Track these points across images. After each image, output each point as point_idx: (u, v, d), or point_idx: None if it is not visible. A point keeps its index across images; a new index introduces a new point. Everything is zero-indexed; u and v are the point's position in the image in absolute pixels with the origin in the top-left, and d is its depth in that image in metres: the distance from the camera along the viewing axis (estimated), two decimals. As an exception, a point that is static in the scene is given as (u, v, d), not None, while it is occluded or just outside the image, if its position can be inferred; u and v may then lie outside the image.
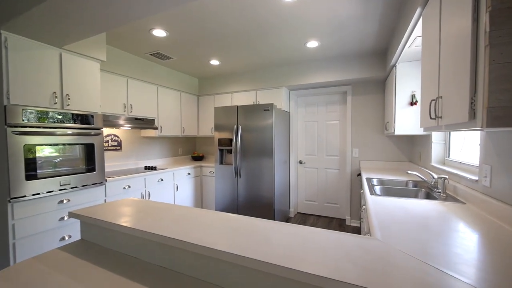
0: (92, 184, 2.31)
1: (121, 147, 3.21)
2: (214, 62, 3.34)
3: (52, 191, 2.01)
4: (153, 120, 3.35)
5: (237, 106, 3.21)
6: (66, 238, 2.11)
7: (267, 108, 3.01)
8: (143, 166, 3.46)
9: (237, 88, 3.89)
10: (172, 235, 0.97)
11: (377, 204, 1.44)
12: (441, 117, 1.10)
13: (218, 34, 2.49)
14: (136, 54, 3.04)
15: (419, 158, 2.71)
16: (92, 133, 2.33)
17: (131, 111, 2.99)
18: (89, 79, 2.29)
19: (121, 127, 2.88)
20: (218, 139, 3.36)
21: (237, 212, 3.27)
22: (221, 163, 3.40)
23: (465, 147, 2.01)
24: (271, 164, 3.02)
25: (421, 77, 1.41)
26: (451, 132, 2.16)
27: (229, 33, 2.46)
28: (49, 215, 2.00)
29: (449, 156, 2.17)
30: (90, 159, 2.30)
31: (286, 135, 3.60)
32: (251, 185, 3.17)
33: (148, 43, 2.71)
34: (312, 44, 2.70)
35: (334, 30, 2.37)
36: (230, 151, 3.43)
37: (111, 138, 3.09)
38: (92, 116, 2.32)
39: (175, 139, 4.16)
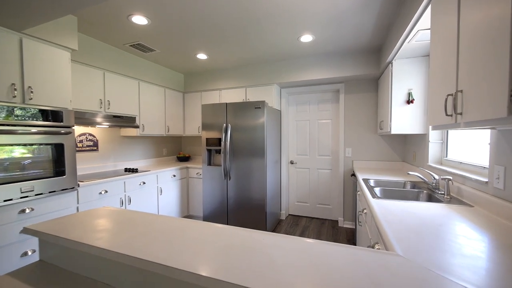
0: (62, 190, 2.03)
1: (97, 148, 2.91)
2: (202, 56, 3.13)
3: (11, 199, 1.72)
4: (134, 118, 3.07)
5: (226, 103, 3.02)
6: (29, 253, 1.83)
7: (259, 106, 2.85)
8: (123, 168, 3.18)
9: (226, 85, 3.69)
10: (152, 257, 0.78)
11: (383, 209, 1.32)
12: (461, 114, 0.99)
13: (207, 24, 2.28)
14: (114, 45, 2.76)
15: (413, 158, 2.66)
16: (62, 131, 2.05)
17: (108, 108, 2.71)
18: (57, 70, 2.01)
19: (97, 125, 2.60)
20: (206, 138, 3.15)
21: (227, 216, 3.08)
22: (209, 164, 3.19)
23: (462, 147, 1.96)
24: (263, 165, 2.86)
25: (431, 72, 1.30)
26: (449, 131, 2.10)
27: (219, 24, 2.27)
28: (7, 227, 1.71)
29: (446, 156, 2.11)
30: (59, 161, 2.02)
31: (277, 134, 3.45)
32: (241, 187, 2.99)
33: (127, 32, 2.45)
34: (306, 38, 2.56)
35: (330, 23, 2.25)
36: (218, 152, 3.23)
37: (86, 137, 2.79)
38: (61, 113, 2.04)
39: (158, 138, 3.89)
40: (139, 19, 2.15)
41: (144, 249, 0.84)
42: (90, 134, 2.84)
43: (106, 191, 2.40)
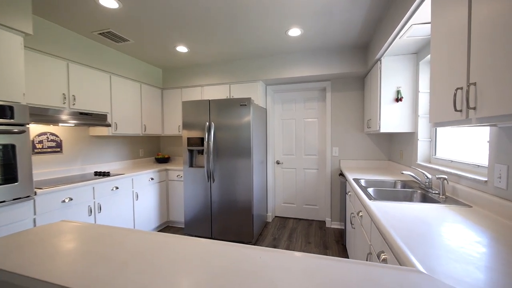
0: (13, 199, 1.71)
1: (61, 149, 2.56)
2: (182, 49, 2.89)
3: None
4: (105, 115, 2.76)
5: (209, 100, 2.82)
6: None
7: (244, 103, 2.68)
8: (93, 171, 2.85)
9: (208, 81, 3.48)
10: (119, 295, 0.58)
11: (384, 213, 1.22)
12: (474, 108, 0.90)
13: (188, 12, 2.07)
14: (80, 32, 2.44)
15: (400, 157, 2.65)
16: (14, 130, 1.73)
17: (73, 104, 2.38)
18: (5, 57, 1.69)
19: (61, 124, 2.27)
20: (187, 138, 2.92)
21: (211, 221, 2.88)
22: (191, 165, 2.97)
23: (451, 145, 1.95)
24: (249, 165, 2.70)
25: (433, 65, 1.22)
26: (437, 129, 2.09)
27: (201, 12, 2.07)
28: None
29: (435, 154, 2.10)
30: (9, 165, 1.70)
31: (263, 133, 3.31)
32: (226, 189, 2.80)
33: (95, 18, 2.16)
34: (295, 32, 2.44)
35: (319, 15, 2.14)
36: (201, 152, 3.02)
37: (47, 137, 2.44)
38: (12, 108, 1.72)
39: (134, 138, 3.57)
40: (109, 2, 1.89)
41: (108, 281, 0.64)
42: (52, 134, 2.49)
43: (70, 199, 2.09)
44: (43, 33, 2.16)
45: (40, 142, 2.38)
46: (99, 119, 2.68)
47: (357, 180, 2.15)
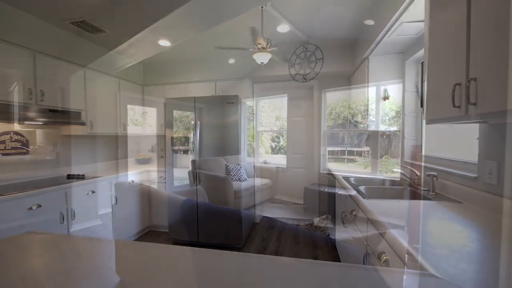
0: (-32, 208, 1.49)
1: (27, 150, 2.31)
2: (164, 42, 2.72)
3: None
4: (79, 113, 2.53)
5: (194, 97, 2.68)
6: None
7: (232, 101, 2.58)
8: (65, 174, 2.60)
9: (193, 78, 3.33)
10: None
11: (381, 212, 1.19)
12: (475, 104, 0.89)
13: (171, 2, 1.93)
14: (48, 21, 2.20)
15: (387, 155, 2.70)
16: (-31, 129, 1.50)
17: (41, 100, 2.15)
18: (-44, 44, 1.46)
19: (27, 122, 2.04)
20: (171, 137, 2.76)
21: (197, 224, 2.74)
22: (175, 166, 2.82)
23: (437, 143, 2.00)
24: (237, 166, 2.60)
25: (429, 62, 1.22)
26: (424, 127, 2.14)
27: (187, 3, 1.94)
28: None
29: (421, 152, 2.15)
30: (-38, 169, 1.48)
31: (250, 132, 3.23)
32: (213, 191, 2.69)
33: (66, 5, 1.95)
34: (284, 28, 2.39)
35: (309, 11, 2.10)
36: (186, 152, 2.87)
37: (10, 137, 2.18)
38: (-35, 103, 1.49)
39: (112, 138, 3.32)
40: (82, -13, 1.71)
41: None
42: (16, 133, 2.23)
43: (39, 206, 1.87)
44: (4, 20, 1.91)
45: (2, 142, 2.12)
46: (72, 117, 2.44)
47: (347, 179, 2.14)
